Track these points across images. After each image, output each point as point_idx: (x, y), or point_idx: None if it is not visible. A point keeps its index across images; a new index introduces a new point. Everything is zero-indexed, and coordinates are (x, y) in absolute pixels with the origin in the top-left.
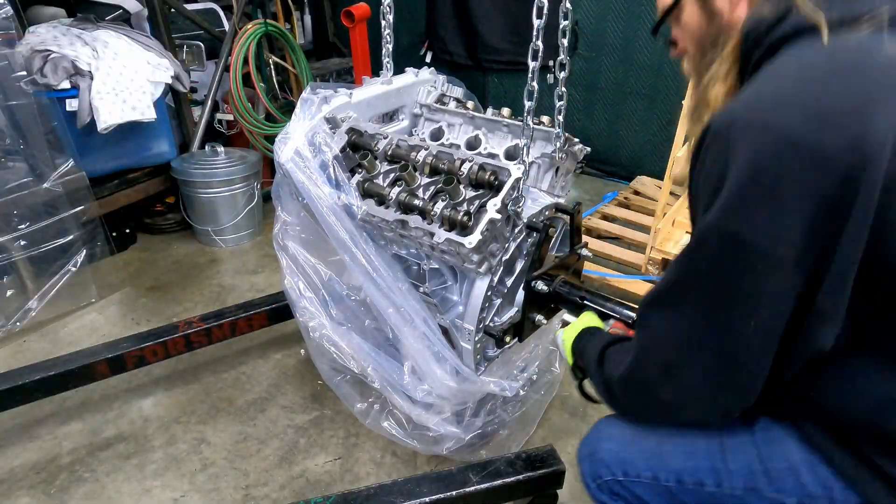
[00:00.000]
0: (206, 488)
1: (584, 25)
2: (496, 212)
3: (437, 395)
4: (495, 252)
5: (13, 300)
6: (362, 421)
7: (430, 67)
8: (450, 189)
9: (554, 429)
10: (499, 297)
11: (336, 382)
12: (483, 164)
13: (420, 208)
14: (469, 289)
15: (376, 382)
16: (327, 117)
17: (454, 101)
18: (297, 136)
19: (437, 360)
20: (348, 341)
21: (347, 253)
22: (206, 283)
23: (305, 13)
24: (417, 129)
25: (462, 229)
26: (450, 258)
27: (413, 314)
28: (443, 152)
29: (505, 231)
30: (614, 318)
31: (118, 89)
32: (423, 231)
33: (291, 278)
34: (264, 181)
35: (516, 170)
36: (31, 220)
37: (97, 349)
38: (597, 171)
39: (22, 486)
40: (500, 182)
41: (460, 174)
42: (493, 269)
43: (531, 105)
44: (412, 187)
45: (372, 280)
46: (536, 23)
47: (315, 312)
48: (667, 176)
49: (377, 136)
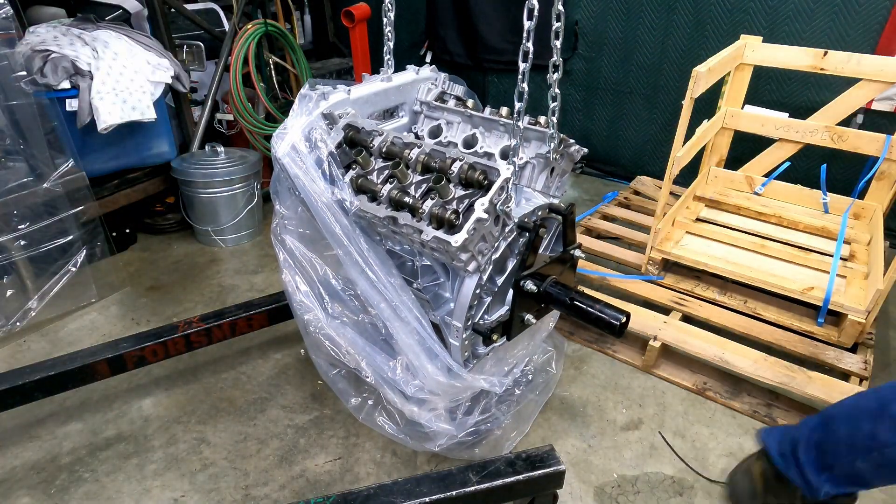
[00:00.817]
0: (206, 488)
1: (584, 25)
2: (483, 211)
3: (428, 391)
4: (484, 251)
5: (13, 300)
6: (356, 416)
7: (432, 66)
8: (439, 187)
9: (553, 429)
10: (489, 295)
11: (332, 377)
12: (473, 164)
13: (410, 205)
14: (459, 286)
15: (370, 377)
16: (325, 113)
17: (454, 98)
18: (294, 131)
19: (428, 355)
20: (343, 335)
21: (341, 248)
22: (206, 283)
23: (305, 13)
24: (417, 126)
25: (450, 228)
26: (440, 255)
27: (405, 310)
28: (436, 150)
29: (493, 230)
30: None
31: (118, 89)
32: (413, 228)
33: (289, 272)
34: (264, 181)
35: (506, 169)
36: (31, 220)
37: (97, 349)
38: (597, 171)
39: (22, 486)
40: (489, 181)
41: (450, 173)
42: (483, 267)
43: (521, 106)
44: (404, 184)
45: (365, 275)
46: (527, 24)
47: (311, 306)
48: (667, 176)
49: (373, 133)
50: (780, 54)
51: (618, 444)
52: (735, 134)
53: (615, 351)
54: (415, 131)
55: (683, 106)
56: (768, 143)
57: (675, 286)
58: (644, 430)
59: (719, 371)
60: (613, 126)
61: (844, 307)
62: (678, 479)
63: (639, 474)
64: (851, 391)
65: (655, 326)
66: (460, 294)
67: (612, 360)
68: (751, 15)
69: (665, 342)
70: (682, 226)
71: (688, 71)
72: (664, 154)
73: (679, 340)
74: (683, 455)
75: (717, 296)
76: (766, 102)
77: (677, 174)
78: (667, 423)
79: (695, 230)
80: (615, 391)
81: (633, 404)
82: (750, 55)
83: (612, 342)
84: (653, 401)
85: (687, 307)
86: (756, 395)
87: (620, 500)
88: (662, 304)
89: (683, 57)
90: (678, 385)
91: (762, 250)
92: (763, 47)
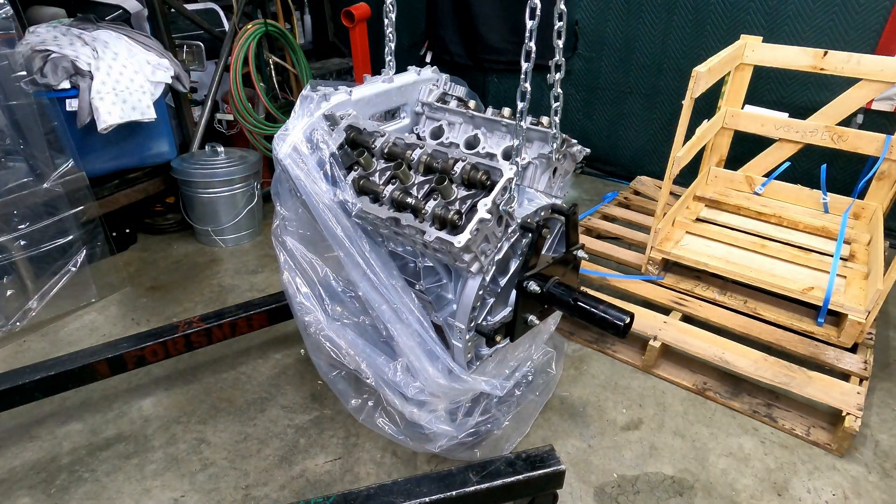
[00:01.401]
0: (206, 488)
1: (584, 25)
2: (486, 211)
3: (429, 393)
4: (487, 252)
5: (13, 300)
6: (356, 417)
7: (433, 66)
8: (442, 188)
9: (553, 429)
10: (492, 296)
11: (332, 378)
12: (476, 164)
13: (413, 206)
14: (462, 287)
15: (370, 379)
16: (326, 114)
17: (456, 99)
18: (295, 132)
19: (430, 357)
20: (344, 337)
21: (342, 249)
22: (206, 283)
23: (305, 13)
24: (419, 127)
25: (453, 228)
26: (442, 256)
27: (406, 312)
28: (438, 151)
29: (496, 231)
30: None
31: (118, 89)
32: (415, 229)
33: (289, 274)
34: (264, 181)
35: (509, 170)
36: (31, 220)
37: (97, 349)
38: (597, 171)
39: (22, 486)
40: (492, 182)
41: (453, 173)
42: (486, 268)
43: (524, 106)
44: (406, 185)
45: (366, 277)
46: (529, 24)
47: (311, 308)
48: (667, 176)
49: (375, 134)
50: (780, 54)
51: (618, 444)
52: (735, 134)
53: (615, 351)
54: (416, 132)
55: (683, 106)
56: (768, 143)
57: (675, 286)
58: (644, 430)
59: (719, 371)
60: (613, 126)
61: (844, 307)
62: (678, 479)
63: (639, 474)
64: (851, 391)
65: (655, 326)
66: (463, 295)
67: (613, 360)
68: (751, 15)
69: (665, 342)
70: (682, 226)
71: (688, 71)
72: (664, 154)
73: (679, 340)
74: (683, 455)
75: (717, 296)
76: (766, 102)
77: (677, 174)
78: (667, 424)
79: (695, 230)
80: (615, 391)
81: (633, 404)
82: (750, 55)
83: (612, 342)
84: (653, 401)
85: (687, 307)
86: (756, 395)
87: (620, 500)
88: (662, 304)
89: (683, 57)
90: (678, 385)
91: (762, 250)
92: (763, 47)
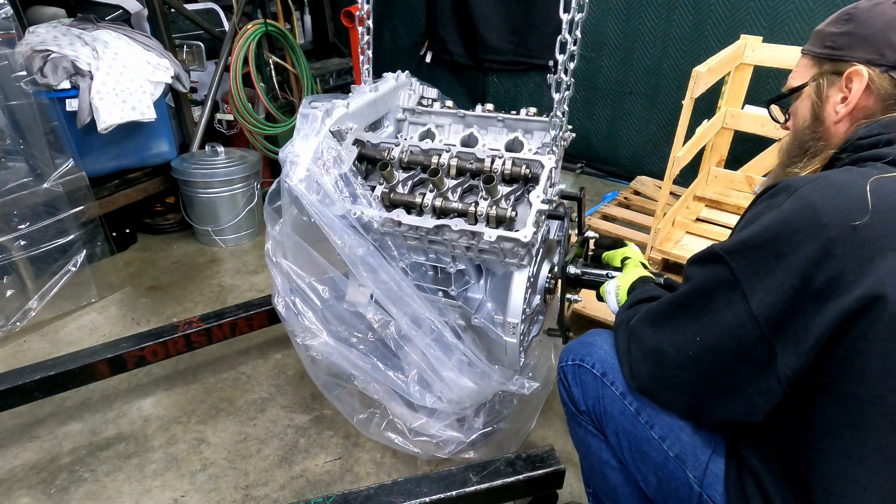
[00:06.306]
0: (206, 488)
1: (585, 25)
2: (541, 202)
3: (450, 400)
4: (534, 242)
5: (13, 300)
6: (363, 431)
7: (405, 72)
8: (490, 187)
9: (554, 428)
10: (529, 286)
11: (335, 395)
12: (515, 160)
13: (459, 210)
14: (497, 284)
15: (378, 395)
16: (332, 130)
17: (432, 101)
18: (305, 155)
19: (460, 367)
20: (345, 356)
21: (366, 269)
22: (206, 283)
23: (305, 13)
24: (402, 133)
25: (500, 224)
26: (489, 256)
27: (440, 325)
28: (462, 153)
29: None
30: None
31: (118, 89)
32: (466, 233)
33: (285, 296)
34: (264, 181)
35: (548, 160)
36: (31, 220)
37: (97, 349)
38: (597, 171)
39: (22, 486)
40: (534, 174)
41: (494, 171)
42: (532, 259)
43: (560, 96)
44: (442, 191)
45: (393, 294)
46: (565, 17)
47: (312, 328)
48: (667, 176)
49: (385, 145)
50: (780, 54)
51: None
52: (735, 134)
53: None
54: (401, 139)
55: (683, 106)
56: (768, 143)
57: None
58: None
59: None
60: (613, 126)
61: None
62: None
63: None
64: None
65: None
66: (512, 290)
67: None
68: (751, 15)
69: None
70: (682, 226)
71: (688, 71)
72: (664, 154)
73: None
74: None
75: None
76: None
77: (677, 174)
78: None
79: (695, 230)
80: None
81: None
82: (750, 55)
83: None
84: None
85: None
86: None
87: None
88: None
89: (683, 57)
90: None
91: None
92: (763, 47)
